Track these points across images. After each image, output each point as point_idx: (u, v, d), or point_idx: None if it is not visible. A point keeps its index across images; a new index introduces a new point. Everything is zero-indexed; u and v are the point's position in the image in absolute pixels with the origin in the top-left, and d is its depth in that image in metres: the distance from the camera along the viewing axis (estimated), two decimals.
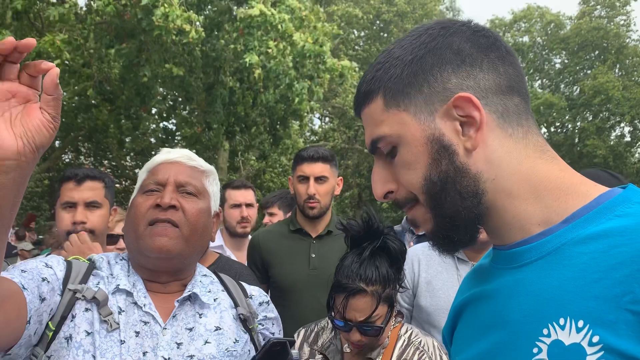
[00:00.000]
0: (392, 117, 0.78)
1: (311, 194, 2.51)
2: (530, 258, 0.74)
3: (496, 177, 0.75)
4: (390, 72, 0.79)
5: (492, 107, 0.76)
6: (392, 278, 1.67)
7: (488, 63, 0.77)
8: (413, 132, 0.77)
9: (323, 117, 21.41)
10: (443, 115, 0.76)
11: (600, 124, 22.46)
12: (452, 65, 0.76)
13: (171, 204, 1.26)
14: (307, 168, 2.54)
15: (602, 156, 20.73)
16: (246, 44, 7.82)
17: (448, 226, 0.78)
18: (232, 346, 1.29)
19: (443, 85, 0.76)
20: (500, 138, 0.76)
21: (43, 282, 1.16)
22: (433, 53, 0.77)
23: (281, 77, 8.20)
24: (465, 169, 0.75)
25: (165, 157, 1.37)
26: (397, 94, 0.78)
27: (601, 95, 21.21)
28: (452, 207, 0.76)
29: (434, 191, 0.76)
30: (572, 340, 0.66)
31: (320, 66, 8.67)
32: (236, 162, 14.99)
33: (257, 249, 2.64)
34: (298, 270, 2.52)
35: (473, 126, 0.75)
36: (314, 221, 2.58)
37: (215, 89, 8.93)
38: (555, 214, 0.74)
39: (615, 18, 23.65)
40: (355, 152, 19.29)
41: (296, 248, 2.57)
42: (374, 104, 0.80)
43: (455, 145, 0.76)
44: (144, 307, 1.24)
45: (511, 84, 0.77)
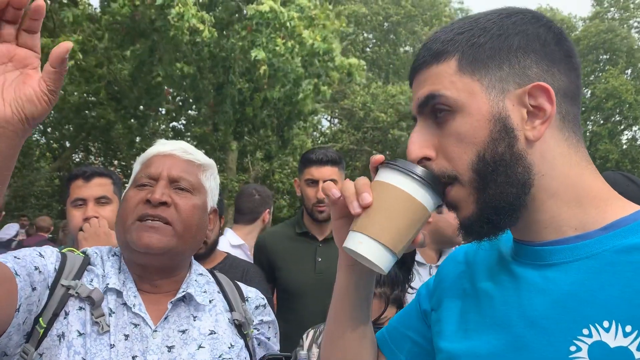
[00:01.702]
0: (463, 83, 0.75)
1: (321, 199, 2.48)
2: (565, 259, 0.74)
3: (545, 174, 0.75)
4: (472, 39, 0.76)
5: (559, 108, 0.75)
6: (400, 279, 1.66)
7: (565, 67, 0.77)
8: (480, 104, 0.74)
9: (332, 119, 21.41)
10: (514, 99, 0.75)
11: (613, 127, 22.27)
12: (537, 55, 0.75)
13: (162, 200, 1.20)
14: (315, 171, 2.50)
15: (615, 160, 20.55)
16: (254, 40, 7.82)
17: (492, 209, 0.75)
18: (226, 352, 1.23)
19: (523, 70, 0.75)
20: (558, 139, 0.76)
21: (35, 271, 1.12)
22: (522, 36, 0.76)
23: (288, 74, 8.19)
24: (522, 157, 0.74)
25: (159, 149, 1.30)
26: (476, 63, 0.75)
27: (614, 98, 21.03)
28: (499, 191, 0.74)
29: (485, 172, 0.74)
30: (618, 343, 0.66)
31: (329, 64, 8.65)
32: (245, 162, 15.02)
33: (264, 250, 2.62)
34: (304, 274, 2.50)
35: (539, 118, 0.74)
36: (321, 224, 2.56)
37: (224, 88, 8.94)
38: (593, 221, 0.75)
39: (629, 20, 23.44)
40: (364, 153, 19.25)
41: (302, 251, 2.55)
42: (445, 65, 0.77)
43: (518, 131, 0.74)
44: (133, 307, 1.19)
45: (575, 94, 0.78)
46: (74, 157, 16.99)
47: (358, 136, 19.25)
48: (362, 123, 18.57)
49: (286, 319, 2.34)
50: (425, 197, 0.78)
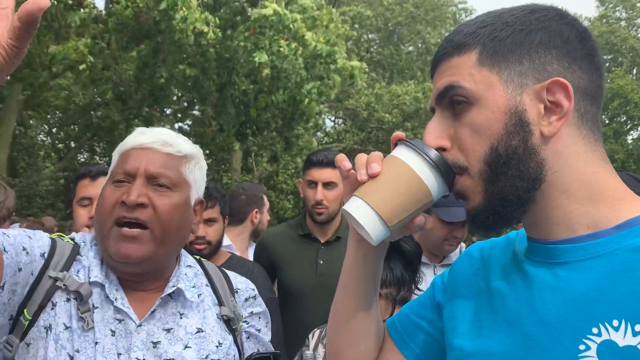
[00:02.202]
0: (482, 76, 0.76)
1: (319, 200, 2.47)
2: (577, 257, 0.74)
3: (559, 170, 0.75)
4: (494, 33, 0.76)
5: (577, 105, 0.75)
6: (406, 280, 1.65)
7: (587, 66, 0.76)
8: (497, 97, 0.75)
9: (336, 119, 21.40)
10: (532, 93, 0.75)
11: (618, 127, 22.17)
12: (558, 51, 0.75)
13: (139, 202, 1.12)
14: (316, 173, 2.50)
15: (621, 160, 20.45)
16: (257, 42, 7.82)
17: (500, 201, 0.76)
18: (214, 352, 1.18)
19: (543, 65, 0.75)
20: (575, 136, 0.75)
21: (23, 251, 1.06)
22: (544, 32, 0.76)
23: (291, 76, 8.19)
24: (535, 152, 0.74)
25: (137, 140, 1.20)
26: (496, 56, 0.76)
27: (620, 98, 20.94)
28: (509, 184, 0.75)
29: (497, 163, 0.74)
30: (627, 342, 0.66)
31: (331, 66, 8.64)
32: (249, 163, 15.04)
33: (266, 250, 2.62)
34: (305, 276, 2.49)
35: (556, 114, 0.74)
36: (323, 226, 2.56)
37: (227, 89, 8.96)
38: (606, 220, 0.74)
39: (635, 19, 23.33)
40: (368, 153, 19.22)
41: (304, 253, 2.55)
42: (465, 57, 0.77)
43: (534, 125, 0.74)
44: (115, 301, 1.14)
45: (596, 94, 0.77)
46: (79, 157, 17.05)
47: (362, 136, 19.23)
48: (366, 123, 18.55)
49: (286, 320, 2.34)
50: (431, 180, 0.78)
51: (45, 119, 17.54)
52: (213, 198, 2.24)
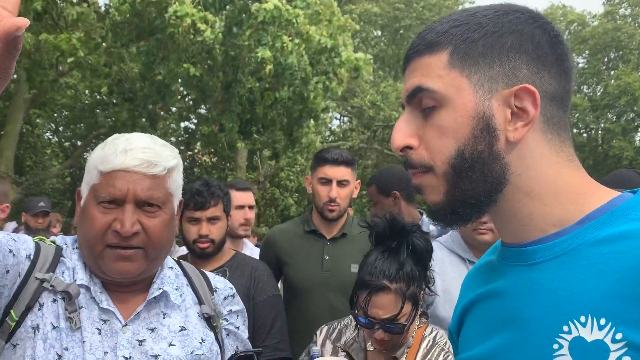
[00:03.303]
0: (451, 78, 0.75)
1: (333, 197, 2.50)
2: (545, 257, 0.75)
3: (522, 173, 0.76)
4: (466, 34, 0.76)
5: (543, 110, 0.76)
6: (416, 276, 1.65)
7: (556, 71, 0.77)
8: (466, 101, 0.75)
9: (342, 117, 21.39)
10: (500, 99, 0.75)
11: (626, 124, 22.03)
12: (529, 56, 0.75)
13: (133, 232, 1.13)
14: (329, 171, 2.52)
15: (629, 157, 20.33)
16: (260, 39, 7.81)
17: (460, 202, 0.77)
18: (198, 347, 1.22)
19: (513, 70, 0.75)
20: (539, 141, 0.77)
21: (9, 254, 1.07)
22: (516, 36, 0.76)
23: (295, 73, 8.17)
24: (500, 156, 0.75)
25: (120, 161, 1.16)
26: (467, 59, 0.75)
27: (627, 95, 20.80)
28: (471, 187, 0.76)
29: (462, 167, 0.75)
30: (594, 337, 0.67)
31: (336, 60, 8.62)
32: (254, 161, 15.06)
33: (272, 247, 2.64)
34: (311, 271, 2.51)
35: (522, 120, 0.75)
36: (330, 223, 2.58)
37: (233, 87, 8.96)
38: (571, 216, 0.76)
39: None
40: (374, 152, 19.23)
41: (310, 249, 2.56)
42: (436, 57, 0.77)
43: (500, 131, 0.75)
44: (101, 303, 1.16)
45: (563, 97, 0.78)
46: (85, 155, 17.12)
47: (368, 135, 19.22)
48: (371, 122, 18.54)
49: (292, 316, 2.35)
50: None
51: (52, 117, 17.64)
52: (216, 196, 2.24)
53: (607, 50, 23.02)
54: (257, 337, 2.13)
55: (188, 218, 2.23)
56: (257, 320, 2.19)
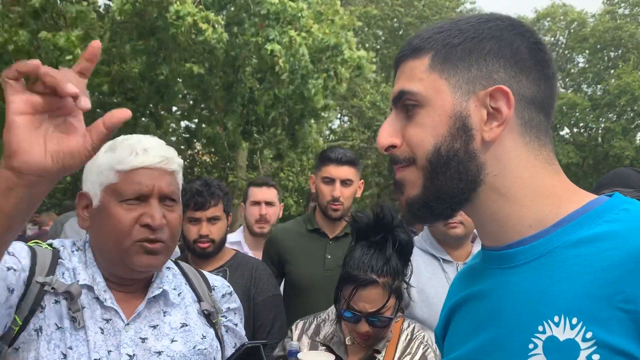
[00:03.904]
0: (432, 81, 0.80)
1: (337, 197, 2.52)
2: (524, 259, 0.78)
3: (498, 174, 0.79)
4: (447, 39, 0.81)
5: (520, 113, 0.79)
6: (400, 270, 1.70)
7: (535, 75, 0.80)
8: (444, 102, 0.79)
9: (342, 117, 21.39)
10: (477, 100, 0.79)
11: (626, 124, 22.02)
12: (506, 61, 0.79)
13: (163, 224, 1.19)
14: (333, 170, 2.54)
15: (630, 157, 20.31)
16: (267, 35, 7.80)
17: (434, 197, 0.81)
18: (200, 342, 1.25)
19: (490, 73, 0.79)
20: (517, 142, 0.79)
21: (9, 271, 1.09)
22: (494, 42, 0.80)
23: (296, 71, 8.17)
24: (475, 155, 0.79)
25: (141, 160, 1.21)
26: (446, 62, 0.80)
27: (627, 95, 20.78)
28: (446, 183, 0.80)
29: (437, 163, 0.79)
30: (566, 336, 0.70)
31: (338, 58, 8.61)
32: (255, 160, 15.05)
33: (275, 245, 2.65)
34: (313, 270, 2.52)
35: (497, 120, 0.78)
36: (333, 222, 2.60)
37: (234, 87, 8.95)
38: (547, 218, 0.78)
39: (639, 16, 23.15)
40: (375, 151, 19.22)
41: (312, 248, 2.58)
42: (419, 61, 0.82)
43: (476, 131, 0.79)
44: (105, 301, 1.19)
45: (544, 102, 0.81)
46: None
47: (368, 134, 19.21)
48: (372, 121, 18.53)
49: (293, 313, 2.36)
50: None
51: None
52: (216, 196, 2.25)
53: (608, 49, 23.01)
54: (257, 336, 2.14)
55: (188, 218, 2.23)
56: (257, 320, 2.20)
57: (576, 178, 22.27)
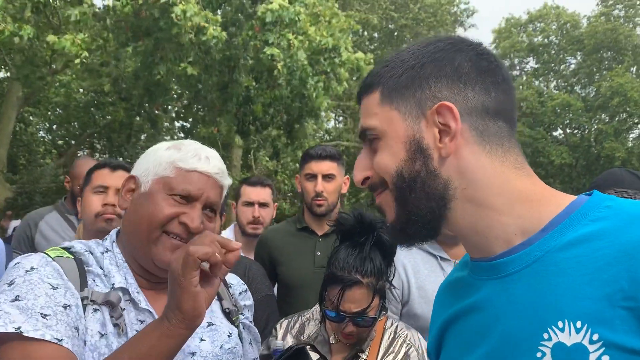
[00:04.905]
0: (384, 113, 0.85)
1: (319, 192, 2.52)
2: (516, 268, 0.78)
3: (467, 187, 0.81)
4: (392, 72, 0.85)
5: (473, 124, 0.81)
6: (384, 270, 1.71)
7: (481, 85, 0.82)
8: (397, 129, 0.83)
9: (337, 117, 21.41)
10: (426, 121, 0.82)
11: (619, 125, 22.17)
12: (448, 79, 0.82)
13: (199, 230, 1.20)
14: (314, 166, 2.55)
15: (622, 158, 20.45)
16: (265, 39, 7.82)
17: (405, 219, 0.83)
18: (227, 341, 1.26)
19: (434, 94, 0.82)
20: (477, 153, 0.81)
21: (66, 310, 1.06)
22: (434, 64, 0.83)
23: (294, 72, 8.19)
24: (436, 173, 0.81)
25: (202, 166, 1.24)
26: (393, 93, 0.84)
27: (619, 96, 20.93)
28: (414, 204, 0.82)
29: (401, 186, 0.82)
30: (573, 340, 0.69)
31: (336, 60, 8.64)
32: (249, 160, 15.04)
33: (265, 247, 2.66)
34: (303, 268, 2.53)
35: (449, 135, 0.80)
36: (321, 219, 2.59)
37: (230, 88, 8.95)
38: (530, 224, 0.79)
39: (634, 18, 23.33)
40: None
41: (302, 246, 2.59)
42: (371, 97, 0.87)
43: (432, 150, 0.81)
44: (140, 303, 1.18)
45: (499, 109, 0.82)
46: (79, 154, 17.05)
47: None
48: None
49: (286, 311, 2.36)
50: None
51: (45, 115, 17.56)
52: None
53: (603, 51, 23.16)
54: None
55: None
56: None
57: (569, 179, 22.41)
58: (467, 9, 23.47)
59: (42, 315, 1.02)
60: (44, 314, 1.02)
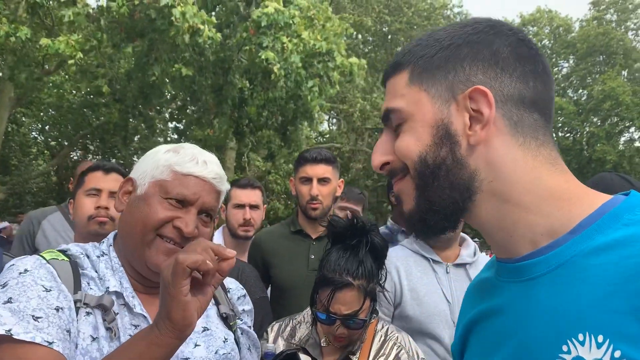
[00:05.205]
0: (412, 94, 0.79)
1: (314, 195, 2.52)
2: (540, 271, 0.72)
3: (494, 179, 0.75)
4: (424, 51, 0.79)
5: (508, 113, 0.75)
6: (375, 273, 1.71)
7: (520, 73, 0.76)
8: (424, 112, 0.77)
9: (331, 119, 21.43)
10: (457, 105, 0.76)
11: (610, 128, 22.34)
12: (484, 63, 0.76)
13: (193, 235, 1.19)
14: (309, 169, 2.55)
15: (613, 161, 20.59)
16: (260, 42, 7.83)
17: (426, 209, 0.78)
18: (222, 347, 1.24)
19: (468, 77, 0.76)
20: (509, 145, 0.75)
21: (58, 312, 1.05)
22: (471, 46, 0.77)
23: (289, 74, 8.21)
24: (463, 161, 0.75)
25: (199, 170, 1.23)
26: (424, 73, 0.79)
27: (611, 100, 21.09)
28: (437, 193, 0.77)
29: (424, 172, 0.77)
30: (593, 356, 0.64)
31: (330, 64, 8.67)
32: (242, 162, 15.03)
33: (259, 250, 2.66)
34: (297, 270, 2.53)
35: (480, 122, 0.75)
36: (315, 222, 2.59)
37: (225, 90, 8.95)
38: (559, 224, 0.73)
39: (626, 22, 23.53)
40: (363, 154, 19.28)
41: (296, 249, 2.58)
42: (399, 77, 0.81)
43: (460, 136, 0.76)
44: (134, 307, 1.17)
45: (536, 100, 0.76)
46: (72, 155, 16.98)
47: (356, 137, 19.27)
48: (361, 126, 18.60)
49: (279, 314, 2.36)
50: None
51: (38, 116, 17.46)
52: None
53: (595, 55, 23.33)
54: None
55: None
56: None
57: None
58: (460, 13, 23.62)
59: (33, 317, 1.01)
60: (36, 316, 1.02)
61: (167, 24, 7.16)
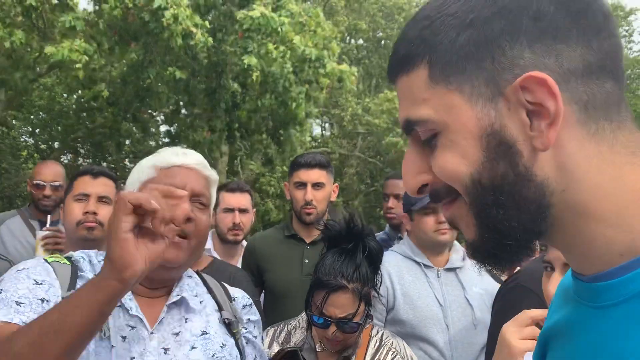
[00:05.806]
0: (439, 97, 0.58)
1: (308, 200, 2.53)
2: (612, 299, 0.56)
3: (567, 188, 0.56)
4: (441, 34, 0.57)
5: (575, 95, 0.55)
6: (370, 277, 1.72)
7: (577, 35, 0.55)
8: (464, 120, 0.57)
9: (323, 123, 21.46)
10: (507, 102, 0.56)
11: None
12: (528, 36, 0.55)
13: (190, 217, 1.20)
14: (304, 174, 2.55)
15: None
16: (245, 46, 7.84)
17: (495, 243, 0.59)
18: (219, 351, 1.25)
19: (512, 60, 0.55)
20: (580, 138, 0.55)
21: (43, 303, 1.08)
22: (503, 15, 0.55)
23: (278, 80, 8.23)
24: (530, 174, 0.56)
25: (181, 160, 1.28)
26: (449, 66, 0.57)
27: None
28: (504, 221, 0.57)
29: (482, 198, 0.57)
30: None
31: (320, 70, 8.68)
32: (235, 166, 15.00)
33: (253, 254, 2.65)
34: (291, 275, 2.53)
35: (545, 119, 0.54)
36: (309, 227, 2.60)
37: (218, 93, 8.95)
38: None
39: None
40: (357, 159, 19.30)
41: (290, 253, 2.59)
42: (415, 74, 0.59)
43: (521, 142, 0.55)
44: (130, 310, 1.19)
45: (604, 63, 0.56)
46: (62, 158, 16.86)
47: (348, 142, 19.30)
48: (354, 130, 18.63)
49: (273, 319, 2.35)
50: None
51: (28, 119, 17.34)
52: None
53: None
54: None
55: None
56: None
57: None
58: None
59: (16, 303, 1.05)
60: (19, 302, 1.06)
61: (161, 26, 7.16)
